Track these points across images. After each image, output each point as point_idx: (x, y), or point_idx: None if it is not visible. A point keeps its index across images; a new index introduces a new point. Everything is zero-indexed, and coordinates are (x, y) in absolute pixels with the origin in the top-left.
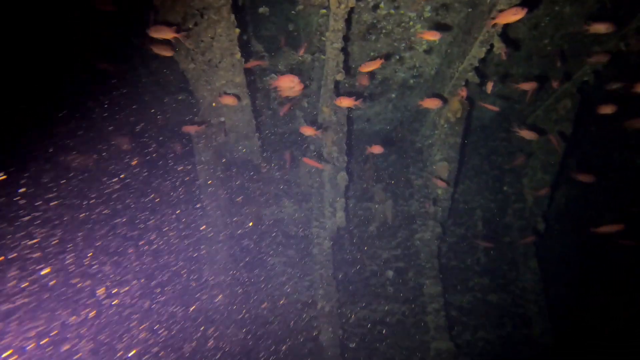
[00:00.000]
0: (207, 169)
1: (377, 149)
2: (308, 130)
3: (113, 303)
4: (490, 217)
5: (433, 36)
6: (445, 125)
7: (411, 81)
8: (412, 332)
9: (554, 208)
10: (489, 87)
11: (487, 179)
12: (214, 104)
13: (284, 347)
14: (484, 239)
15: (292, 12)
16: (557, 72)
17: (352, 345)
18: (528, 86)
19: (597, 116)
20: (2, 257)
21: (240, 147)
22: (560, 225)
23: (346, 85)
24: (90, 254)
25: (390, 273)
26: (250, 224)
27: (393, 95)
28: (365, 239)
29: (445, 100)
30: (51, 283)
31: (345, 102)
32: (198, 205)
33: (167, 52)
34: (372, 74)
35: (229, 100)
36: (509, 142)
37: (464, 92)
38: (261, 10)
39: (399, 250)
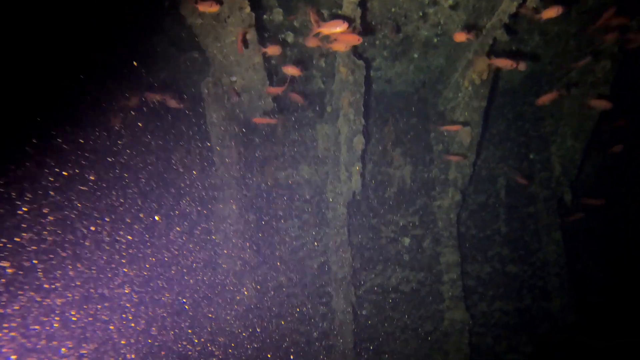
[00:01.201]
0: (219, 131)
1: None
2: (291, 70)
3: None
4: (514, 186)
5: None
6: (470, 88)
7: (435, 40)
8: (427, 301)
9: (582, 178)
10: (522, 66)
11: (513, 146)
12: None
13: (296, 310)
14: (507, 208)
15: None
16: (597, 30)
17: (365, 312)
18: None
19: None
20: None
21: (254, 108)
22: (588, 197)
23: (365, 44)
24: None
25: (406, 240)
26: (265, 187)
27: (415, 55)
28: (381, 204)
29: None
30: None
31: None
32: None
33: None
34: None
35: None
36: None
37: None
38: None
39: (417, 217)
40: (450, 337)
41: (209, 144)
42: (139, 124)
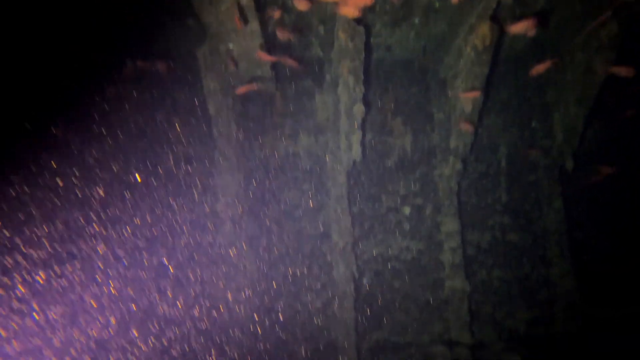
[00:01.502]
0: (216, 101)
1: None
2: (284, 33)
3: None
4: (515, 154)
5: None
6: (472, 54)
7: (437, 4)
8: (427, 270)
9: (585, 147)
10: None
11: (515, 114)
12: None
13: (297, 278)
14: (508, 177)
15: None
16: None
17: (366, 280)
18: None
19: None
20: None
21: (251, 77)
22: (591, 165)
23: (364, 10)
24: None
25: (407, 209)
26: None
27: (416, 21)
28: (382, 173)
29: None
30: None
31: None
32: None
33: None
34: None
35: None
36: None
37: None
38: None
39: (417, 186)
40: (450, 305)
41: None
42: (134, 93)
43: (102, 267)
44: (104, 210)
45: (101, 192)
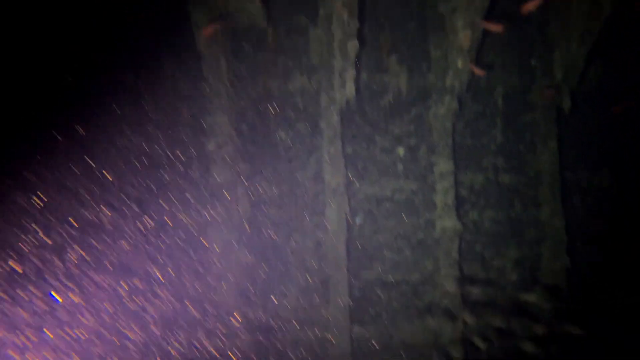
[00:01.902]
0: (205, 38)
1: None
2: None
3: None
4: (512, 94)
5: None
6: None
7: None
8: (420, 210)
9: (584, 86)
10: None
11: (514, 52)
12: None
13: (289, 220)
14: (504, 117)
15: None
16: None
17: (358, 220)
18: None
19: None
20: None
21: (241, 12)
22: (589, 106)
23: None
24: None
25: (401, 150)
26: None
27: None
28: (376, 113)
29: None
30: None
31: None
32: None
33: None
34: None
35: None
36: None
37: None
38: None
39: (412, 127)
40: (441, 244)
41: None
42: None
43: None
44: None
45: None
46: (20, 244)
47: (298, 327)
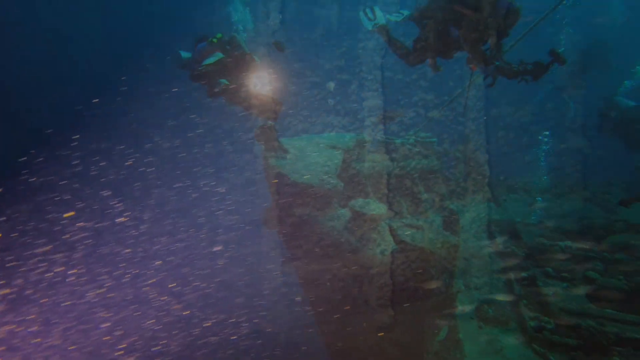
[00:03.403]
0: None
1: None
2: None
3: None
4: (444, 30)
5: None
6: None
7: None
8: (350, 145)
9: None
10: None
11: None
12: None
13: None
14: (436, 52)
15: None
16: None
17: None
18: None
19: None
20: None
21: None
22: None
23: None
24: None
25: (331, 85)
26: None
27: None
28: (306, 47)
29: None
30: None
31: None
32: None
33: None
34: None
35: None
36: None
37: None
38: None
39: (343, 61)
40: (371, 179)
41: None
42: None
43: None
44: None
45: None
46: None
47: None
